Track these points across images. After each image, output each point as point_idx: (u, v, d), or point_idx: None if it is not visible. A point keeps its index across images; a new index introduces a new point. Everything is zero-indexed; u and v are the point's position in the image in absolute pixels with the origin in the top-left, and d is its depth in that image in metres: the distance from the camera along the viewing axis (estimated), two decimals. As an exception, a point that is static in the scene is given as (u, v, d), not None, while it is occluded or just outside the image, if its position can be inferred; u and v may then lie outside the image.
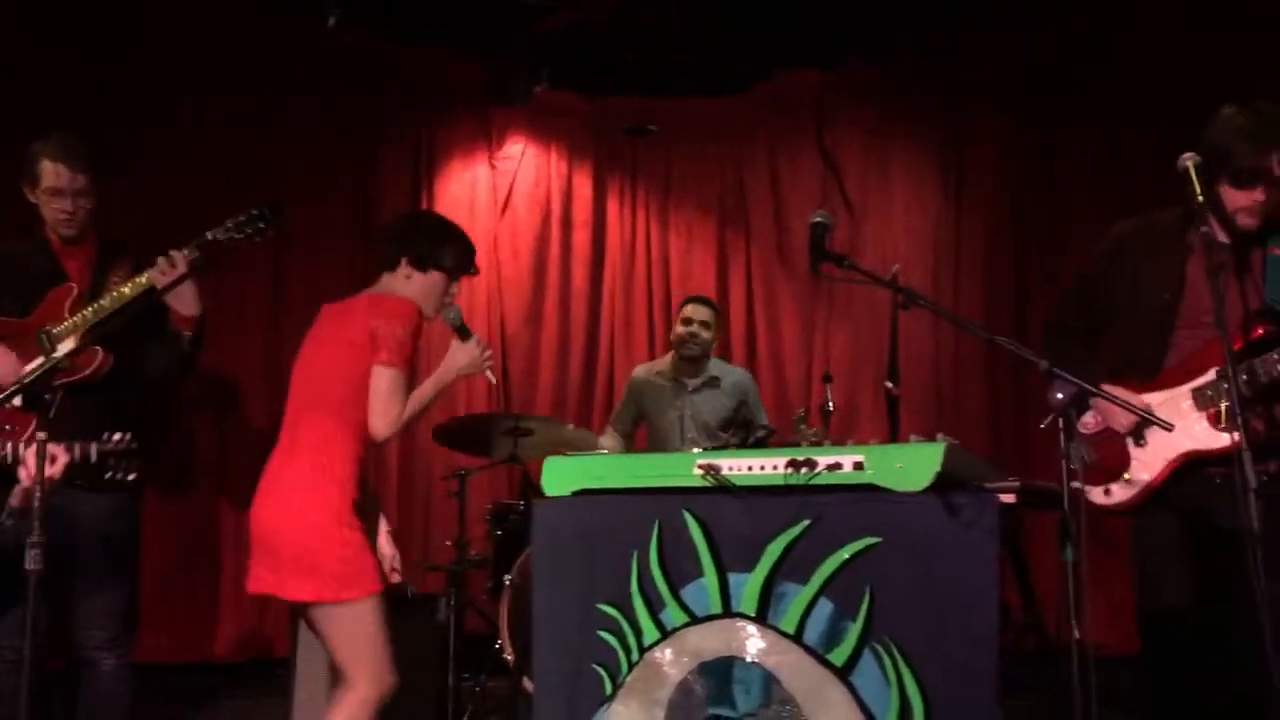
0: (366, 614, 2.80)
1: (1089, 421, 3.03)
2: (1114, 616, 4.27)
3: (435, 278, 3.22)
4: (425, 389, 3.13)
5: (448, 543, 5.16)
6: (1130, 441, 2.96)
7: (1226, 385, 2.73)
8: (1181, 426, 2.82)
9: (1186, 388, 2.88)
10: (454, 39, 6.05)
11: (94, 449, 3.00)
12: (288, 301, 5.72)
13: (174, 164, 5.37)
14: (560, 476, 2.78)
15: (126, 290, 3.29)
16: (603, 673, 2.63)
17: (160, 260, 3.31)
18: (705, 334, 5.15)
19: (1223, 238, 2.85)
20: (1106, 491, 2.96)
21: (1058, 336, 3.18)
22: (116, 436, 3.05)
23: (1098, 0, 5.32)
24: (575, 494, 2.75)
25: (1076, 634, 2.23)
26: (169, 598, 5.29)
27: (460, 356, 3.22)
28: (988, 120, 5.87)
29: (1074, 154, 5.59)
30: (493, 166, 6.55)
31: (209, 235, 3.39)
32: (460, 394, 6.23)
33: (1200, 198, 2.74)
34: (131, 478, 3.08)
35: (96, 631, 3.28)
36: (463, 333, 3.23)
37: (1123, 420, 2.94)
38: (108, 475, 3.05)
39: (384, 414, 3.02)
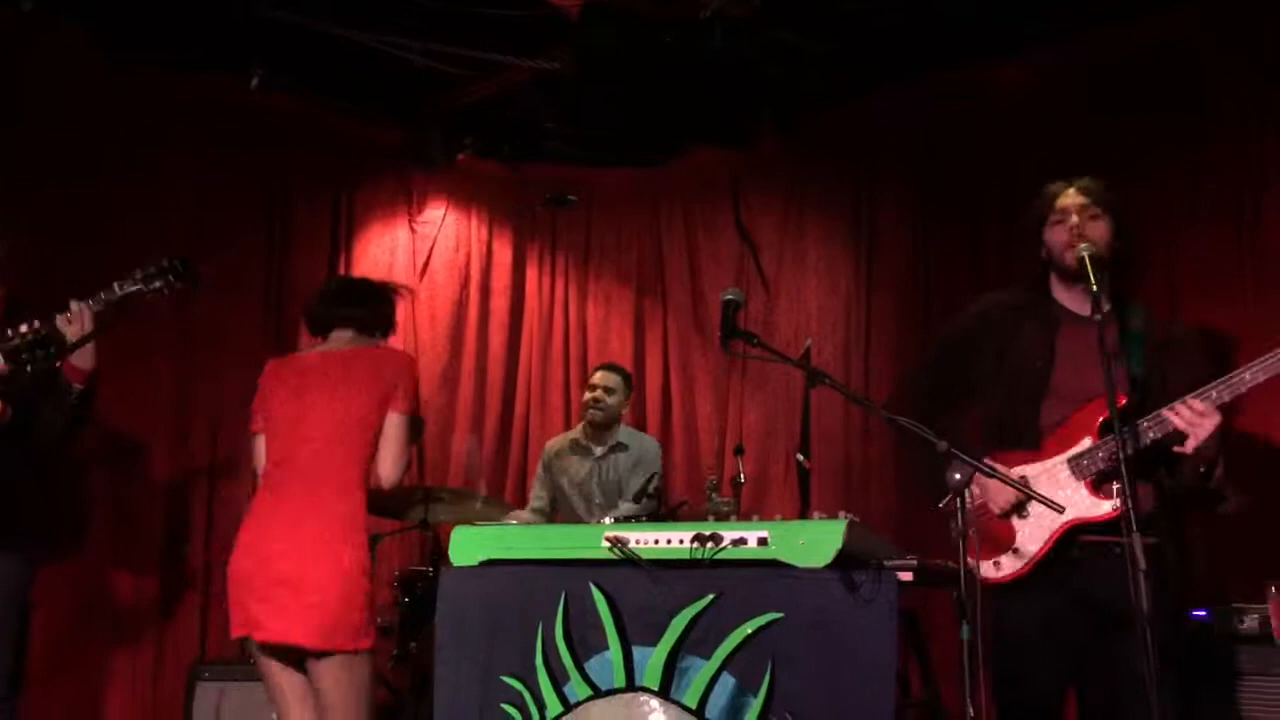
0: (369, 665, 2.86)
1: (973, 494, 3.09)
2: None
3: None
4: None
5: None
6: (1014, 516, 3.03)
7: (1102, 454, 2.88)
8: (1062, 497, 2.89)
9: (1062, 457, 2.97)
10: (376, 103, 6.08)
11: None
12: (195, 360, 5.62)
13: (81, 224, 5.22)
14: (468, 546, 2.77)
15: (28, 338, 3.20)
16: (505, 746, 2.61)
17: (64, 315, 3.25)
18: (609, 399, 5.20)
19: (1097, 310, 2.99)
20: (996, 564, 3.02)
21: (910, 394, 3.29)
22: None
23: (1008, 86, 5.51)
24: (482, 564, 2.75)
25: (970, 712, 2.28)
26: (59, 663, 5.10)
27: None
28: (895, 201, 6.03)
29: (977, 227, 5.74)
30: (413, 230, 6.55)
31: (116, 287, 3.34)
32: (372, 457, 6.17)
33: (1095, 286, 2.89)
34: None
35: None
36: None
37: (1000, 501, 3.01)
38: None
39: (398, 460, 3.27)
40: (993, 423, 3.15)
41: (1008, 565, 3.00)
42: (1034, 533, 2.98)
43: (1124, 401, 2.85)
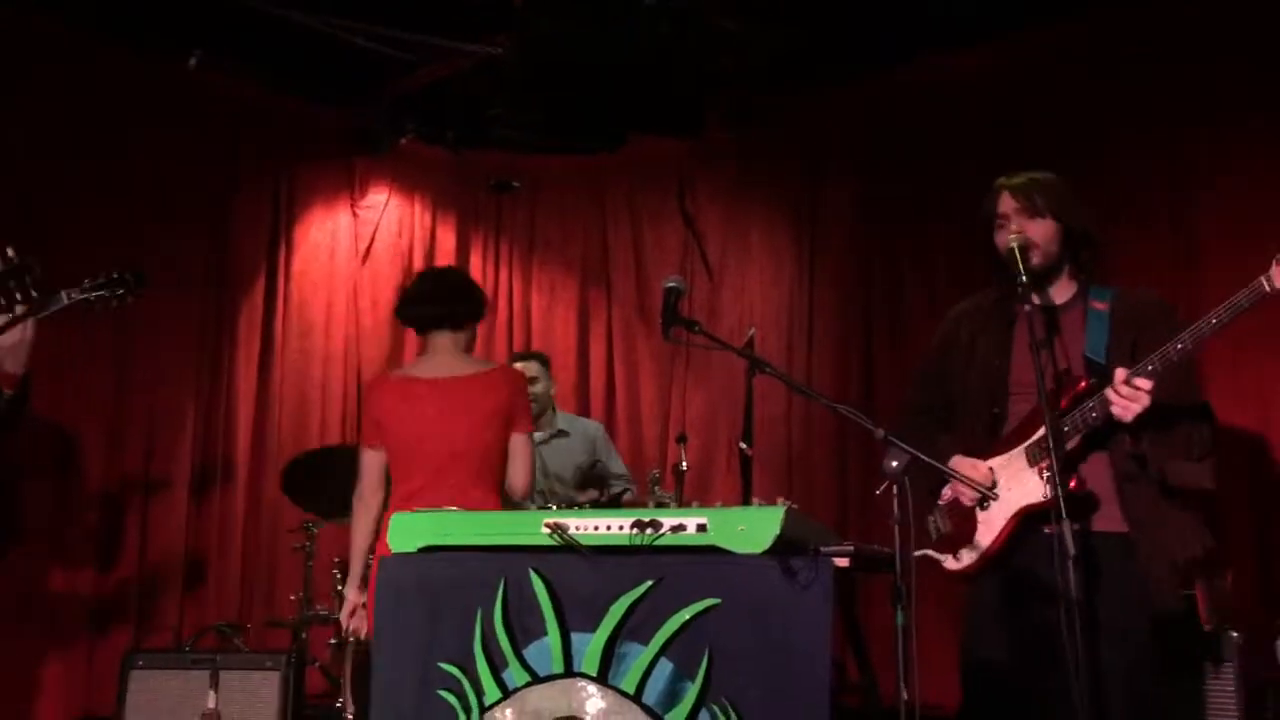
0: None
1: (946, 494, 3.11)
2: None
3: None
4: None
5: (292, 597, 5.04)
6: (978, 510, 3.04)
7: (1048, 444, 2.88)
8: (1019, 484, 2.94)
9: (1021, 448, 2.99)
10: (319, 86, 6.00)
11: None
12: (134, 350, 5.52)
13: (12, 207, 5.10)
14: (406, 532, 2.75)
15: None
16: (442, 733, 2.59)
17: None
18: (535, 389, 5.19)
19: (1047, 300, 3.00)
20: (957, 557, 3.05)
21: (913, 415, 3.27)
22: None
23: (956, 80, 5.55)
24: (421, 550, 2.73)
25: (905, 695, 2.31)
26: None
27: None
28: (841, 192, 6.07)
29: (921, 222, 5.80)
30: (355, 214, 6.49)
31: (64, 296, 3.23)
32: (313, 445, 6.10)
33: (1024, 276, 2.93)
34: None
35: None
36: None
37: (968, 493, 3.03)
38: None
39: (527, 476, 3.61)
40: (966, 423, 3.17)
41: (966, 558, 3.03)
42: (990, 524, 3.01)
43: (1084, 386, 2.88)
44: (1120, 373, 2.77)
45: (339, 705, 4.51)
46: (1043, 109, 5.14)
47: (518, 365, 5.26)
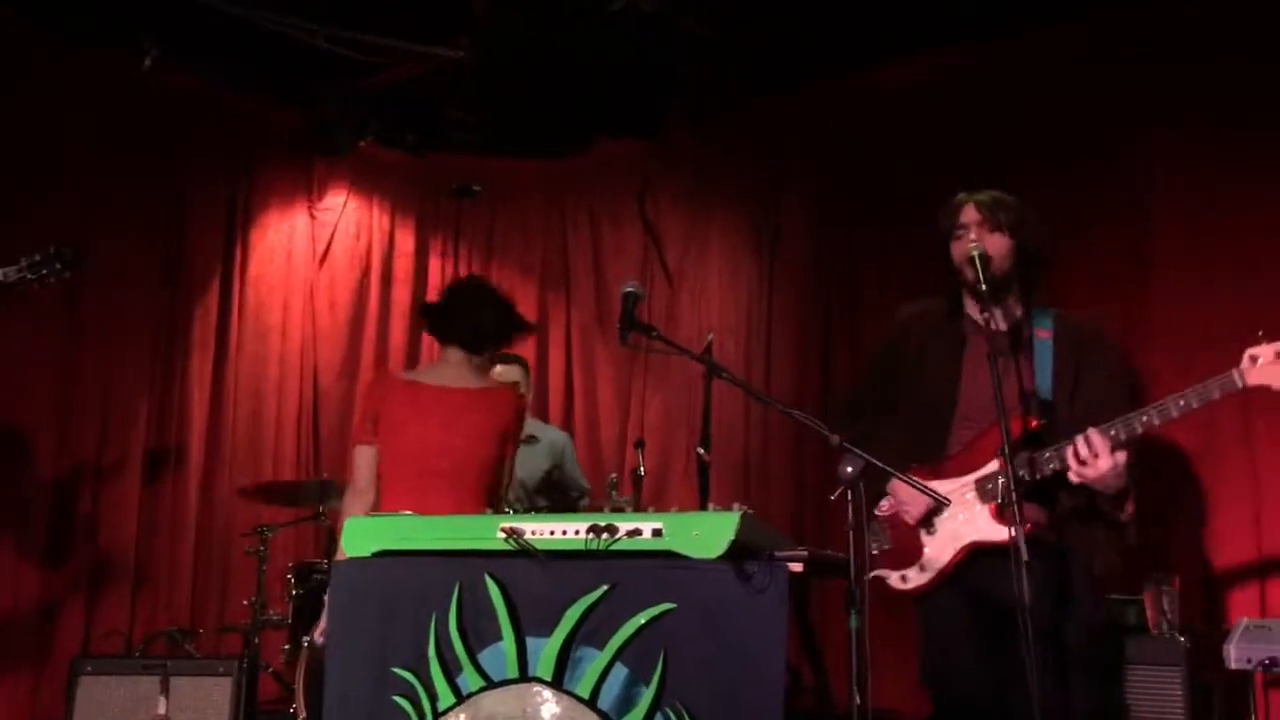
0: None
1: (884, 505, 3.13)
2: (916, 682, 4.42)
3: None
4: None
5: (245, 602, 4.99)
6: (922, 530, 3.08)
7: (1004, 479, 2.89)
8: (965, 518, 2.98)
9: (970, 478, 3.01)
10: (277, 87, 5.95)
11: None
12: (85, 348, 5.44)
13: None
14: (361, 536, 2.73)
15: None
16: (396, 739, 2.58)
17: None
18: None
19: (999, 324, 3.00)
20: (903, 578, 3.07)
21: (853, 415, 3.29)
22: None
23: (917, 86, 5.59)
24: (375, 554, 2.71)
25: (858, 700, 2.33)
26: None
27: None
28: (801, 198, 6.09)
29: (880, 228, 5.83)
30: (312, 216, 6.44)
31: (1, 274, 3.22)
32: (268, 448, 6.05)
33: (984, 285, 2.95)
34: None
35: None
36: None
37: (913, 511, 3.06)
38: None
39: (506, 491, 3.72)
40: (907, 441, 3.18)
41: (914, 579, 3.06)
42: (939, 550, 3.03)
43: (1035, 424, 2.92)
44: (1092, 438, 2.78)
45: (292, 711, 4.47)
46: (1004, 113, 5.19)
47: (499, 369, 5.25)
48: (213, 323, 5.95)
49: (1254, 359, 2.67)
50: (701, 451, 4.18)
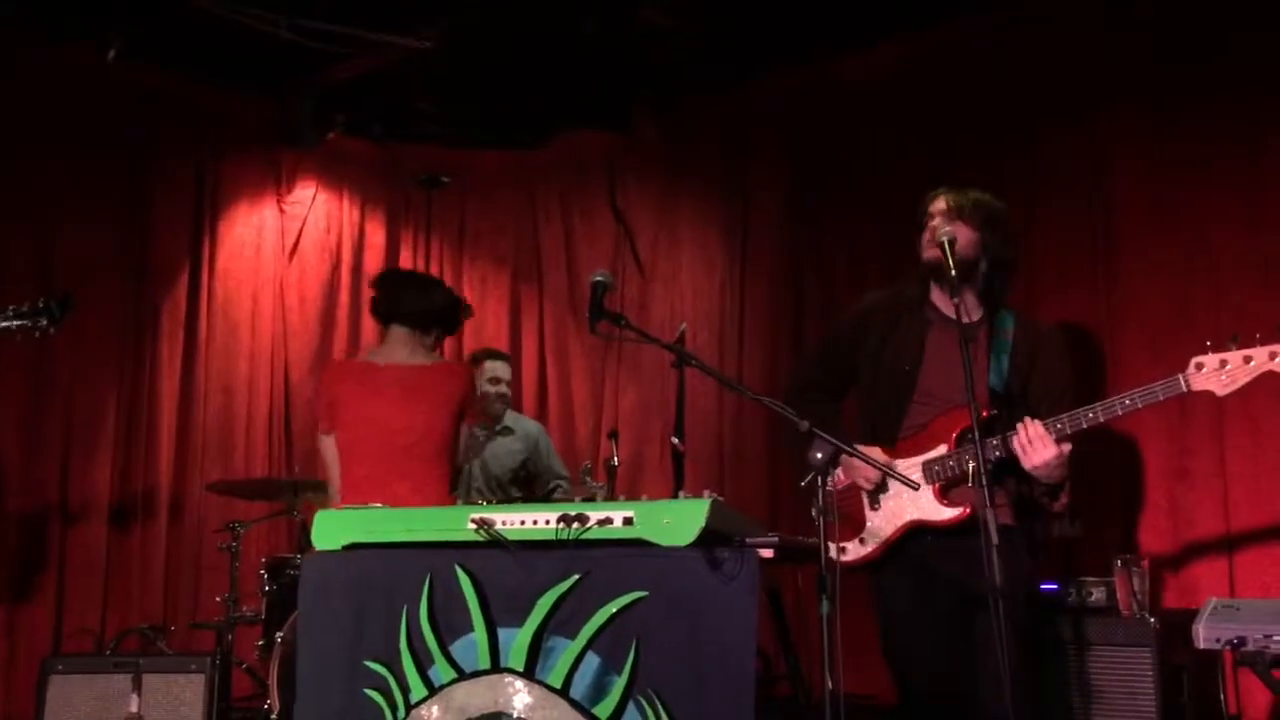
0: None
1: (839, 478, 3.20)
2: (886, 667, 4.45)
3: None
4: None
5: (218, 598, 4.96)
6: (867, 504, 3.18)
7: (953, 463, 3.04)
8: (909, 497, 3.06)
9: (918, 459, 3.11)
10: (243, 79, 5.89)
11: None
12: (51, 342, 5.36)
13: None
14: (331, 529, 2.72)
15: None
16: (368, 732, 2.57)
17: None
18: (501, 388, 5.23)
19: (969, 311, 3.09)
20: (842, 550, 3.15)
21: (805, 391, 3.37)
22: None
23: (884, 76, 5.59)
24: (346, 547, 2.70)
25: (829, 685, 2.34)
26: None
27: None
28: (772, 188, 6.09)
29: (852, 217, 5.83)
30: (281, 210, 6.39)
31: None
32: (239, 444, 6.01)
33: (954, 271, 2.99)
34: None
35: None
36: None
37: (870, 475, 3.14)
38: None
39: (463, 461, 3.89)
40: (865, 420, 3.29)
41: (853, 552, 3.17)
42: (881, 524, 3.15)
43: (986, 414, 2.98)
44: (1031, 428, 2.92)
45: (266, 707, 4.45)
46: (973, 101, 5.19)
47: (490, 363, 5.26)
48: (181, 317, 5.89)
49: (1199, 366, 2.89)
50: (676, 440, 4.17)
